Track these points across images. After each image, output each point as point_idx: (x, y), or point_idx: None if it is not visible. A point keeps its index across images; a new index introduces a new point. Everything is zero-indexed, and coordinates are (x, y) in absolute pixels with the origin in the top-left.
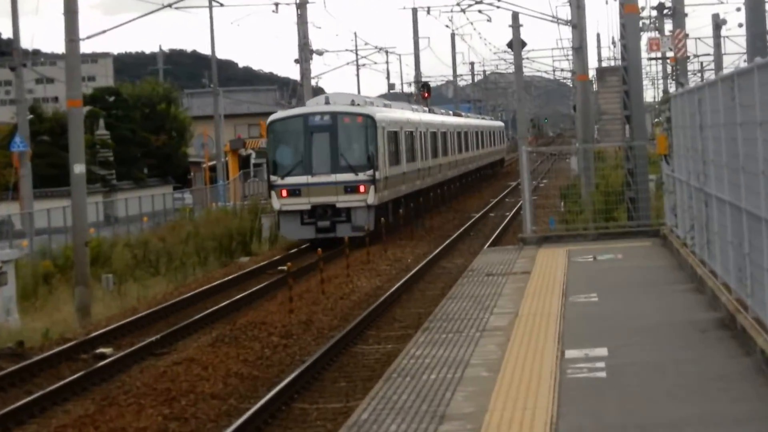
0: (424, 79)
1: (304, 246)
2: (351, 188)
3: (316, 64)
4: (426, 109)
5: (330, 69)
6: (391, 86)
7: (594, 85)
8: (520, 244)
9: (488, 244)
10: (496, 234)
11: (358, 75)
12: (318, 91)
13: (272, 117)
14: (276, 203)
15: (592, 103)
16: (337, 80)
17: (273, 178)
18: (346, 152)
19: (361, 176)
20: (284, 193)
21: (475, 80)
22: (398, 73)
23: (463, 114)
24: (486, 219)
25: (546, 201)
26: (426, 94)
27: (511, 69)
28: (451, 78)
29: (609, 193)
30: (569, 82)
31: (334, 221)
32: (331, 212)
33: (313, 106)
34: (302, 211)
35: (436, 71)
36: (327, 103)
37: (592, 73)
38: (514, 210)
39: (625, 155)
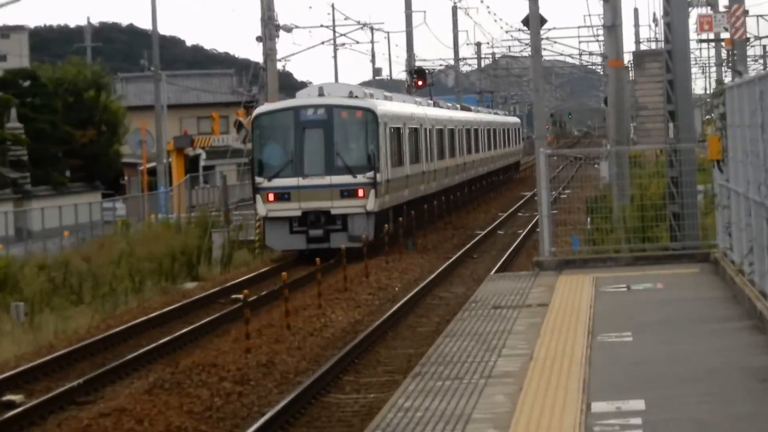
0: (418, 64)
1: (265, 269)
2: (348, 192)
3: (284, 43)
4: (431, 102)
5: (301, 49)
6: (377, 71)
7: (630, 73)
8: (535, 269)
9: (496, 268)
10: (505, 256)
11: (335, 57)
12: (285, 75)
13: (258, 110)
14: (261, 209)
15: (627, 96)
16: (309, 63)
17: (258, 180)
18: (342, 151)
19: (360, 179)
20: (271, 197)
21: (482, 65)
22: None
23: (472, 108)
24: (494, 237)
25: (568, 216)
26: (421, 82)
27: (527, 52)
28: (452, 62)
29: (647, 207)
30: (599, 69)
31: (327, 230)
32: (324, 219)
33: (304, 98)
34: (291, 217)
35: (434, 54)
36: (321, 94)
37: (627, 58)
38: (529, 227)
39: (667, 160)
